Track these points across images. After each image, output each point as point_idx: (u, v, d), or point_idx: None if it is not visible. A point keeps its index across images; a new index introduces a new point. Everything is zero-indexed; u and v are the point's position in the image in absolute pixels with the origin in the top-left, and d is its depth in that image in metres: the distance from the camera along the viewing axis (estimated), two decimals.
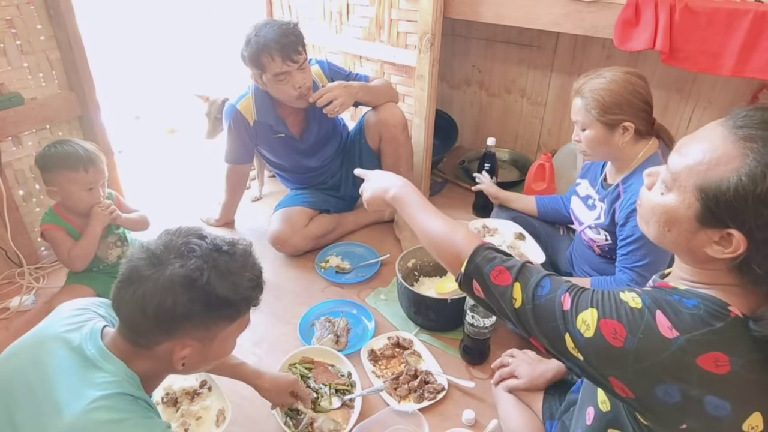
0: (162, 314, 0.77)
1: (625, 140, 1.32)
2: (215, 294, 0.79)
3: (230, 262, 0.82)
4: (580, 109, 1.34)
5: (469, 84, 2.73)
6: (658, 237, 0.76)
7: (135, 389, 0.81)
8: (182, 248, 0.79)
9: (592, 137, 1.34)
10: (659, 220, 0.74)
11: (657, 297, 0.71)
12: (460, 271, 0.86)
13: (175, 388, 1.41)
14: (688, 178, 0.68)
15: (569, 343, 0.73)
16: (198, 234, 0.83)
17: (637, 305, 0.70)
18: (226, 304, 0.81)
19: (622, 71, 1.30)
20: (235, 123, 1.93)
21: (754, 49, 1.48)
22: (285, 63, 1.71)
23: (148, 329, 0.79)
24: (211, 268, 0.79)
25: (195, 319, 0.80)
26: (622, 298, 0.72)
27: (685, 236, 0.71)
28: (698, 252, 0.70)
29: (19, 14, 1.70)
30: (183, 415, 1.34)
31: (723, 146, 0.65)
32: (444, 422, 1.37)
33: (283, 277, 1.94)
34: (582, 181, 1.60)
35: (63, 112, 1.89)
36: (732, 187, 0.62)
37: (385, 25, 2.12)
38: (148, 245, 0.81)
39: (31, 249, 1.93)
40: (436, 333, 1.66)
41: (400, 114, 1.97)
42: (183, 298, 0.77)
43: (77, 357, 0.81)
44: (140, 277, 0.77)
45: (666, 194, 0.72)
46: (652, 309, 0.69)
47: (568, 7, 1.74)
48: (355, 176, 2.11)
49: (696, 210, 0.67)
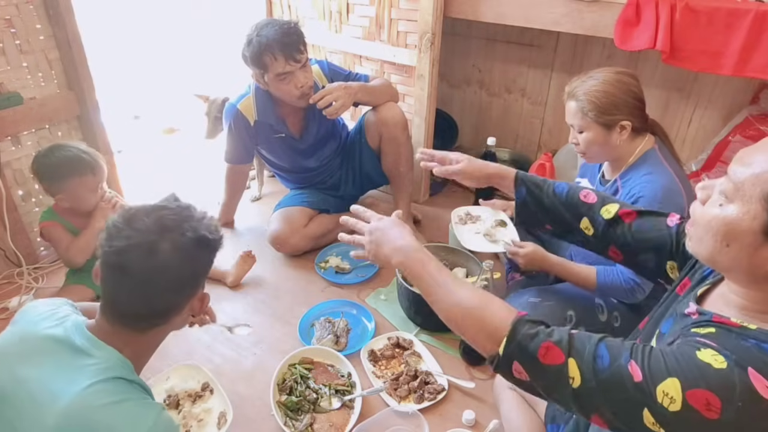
0: (194, 277, 0.88)
1: (623, 139, 1.33)
2: (212, 240, 0.89)
3: (194, 213, 0.90)
4: (575, 112, 1.35)
5: (469, 83, 2.72)
6: (713, 254, 0.69)
7: (128, 373, 0.84)
8: (162, 222, 0.84)
9: (590, 139, 1.35)
10: (716, 234, 0.67)
11: (739, 349, 0.63)
12: (497, 352, 0.74)
13: (177, 390, 1.41)
14: (754, 187, 0.63)
15: (648, 418, 0.64)
16: (155, 206, 0.87)
17: (722, 365, 0.61)
18: (218, 245, 0.92)
19: (613, 71, 1.32)
20: (235, 123, 1.92)
21: (755, 48, 1.48)
22: (287, 62, 1.71)
23: (181, 300, 0.88)
24: (198, 224, 0.87)
25: (208, 267, 0.91)
26: (702, 360, 0.62)
27: (746, 252, 0.65)
28: (760, 270, 0.65)
29: (18, 14, 1.70)
30: (185, 417, 1.34)
31: None
32: (444, 423, 1.37)
33: (283, 277, 1.94)
34: (581, 179, 1.61)
35: (62, 112, 1.89)
36: None
37: (385, 24, 2.11)
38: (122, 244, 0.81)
39: (30, 249, 1.92)
40: (436, 333, 1.66)
41: (400, 113, 1.97)
42: (202, 256, 0.88)
43: (66, 348, 0.82)
44: (141, 263, 0.81)
45: (726, 206, 0.66)
46: (743, 367, 0.60)
47: (569, 7, 1.74)
48: (354, 176, 2.15)
49: (763, 221, 0.62)
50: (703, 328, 0.69)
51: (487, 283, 1.39)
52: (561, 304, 1.46)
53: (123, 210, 0.86)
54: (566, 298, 1.49)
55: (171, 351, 1.60)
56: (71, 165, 1.52)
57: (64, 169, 1.52)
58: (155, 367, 1.51)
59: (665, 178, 1.28)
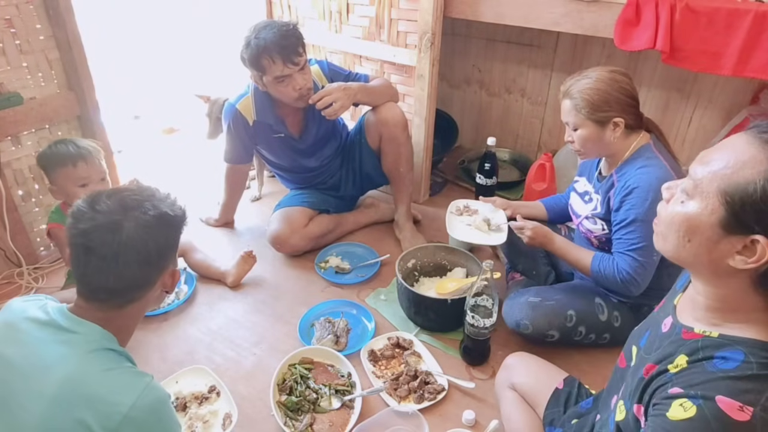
0: (159, 253, 0.89)
1: (617, 135, 1.35)
2: (176, 217, 0.93)
3: (157, 193, 0.94)
4: (570, 110, 1.37)
5: (469, 83, 2.72)
6: (677, 250, 0.73)
7: (115, 345, 0.88)
8: (125, 202, 0.87)
9: (584, 136, 1.37)
10: (679, 230, 0.71)
11: (704, 382, 0.65)
12: None
13: (185, 393, 1.42)
14: (711, 182, 0.66)
15: None
16: (116, 190, 0.91)
17: (691, 411, 0.63)
18: (182, 222, 0.96)
19: (606, 70, 1.34)
20: (234, 123, 1.92)
21: (755, 48, 1.48)
22: (285, 65, 1.70)
23: (149, 277, 0.90)
24: (160, 202, 0.91)
25: (175, 244, 0.95)
26: (673, 419, 0.65)
27: (706, 246, 0.68)
28: (720, 264, 0.67)
29: (18, 14, 1.70)
30: (191, 419, 1.35)
31: (748, 150, 0.64)
32: (444, 423, 1.37)
33: (283, 277, 1.94)
34: (579, 178, 1.61)
35: (62, 112, 1.89)
36: (759, 189, 0.61)
37: (385, 24, 2.11)
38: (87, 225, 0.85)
39: (30, 249, 1.92)
40: (436, 333, 1.66)
41: (401, 113, 1.97)
42: (168, 232, 0.91)
43: (50, 329, 0.85)
44: (106, 241, 0.84)
45: (687, 202, 0.70)
46: (710, 398, 0.63)
47: (569, 7, 1.74)
48: (355, 176, 2.15)
49: (720, 216, 0.65)
50: (675, 361, 0.72)
51: (487, 282, 1.39)
52: (561, 304, 1.47)
53: (86, 195, 0.90)
54: (566, 298, 1.49)
55: (171, 351, 1.60)
56: (56, 156, 1.52)
57: (50, 160, 1.53)
58: (156, 368, 1.52)
59: (660, 170, 1.30)
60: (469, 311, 1.44)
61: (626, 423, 0.79)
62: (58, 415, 0.77)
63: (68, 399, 0.77)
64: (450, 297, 1.56)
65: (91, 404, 0.77)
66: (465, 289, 1.58)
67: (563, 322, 1.45)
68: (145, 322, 1.70)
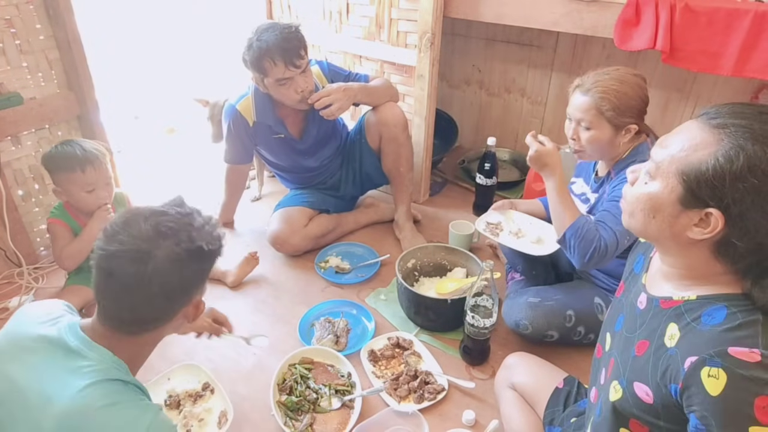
0: (183, 288, 0.86)
1: (625, 140, 1.34)
2: (210, 250, 0.87)
3: (196, 220, 0.88)
4: (589, 108, 1.32)
5: (469, 83, 2.72)
6: (643, 226, 0.80)
7: (124, 374, 0.83)
8: (159, 229, 0.82)
9: (597, 137, 1.34)
10: (644, 208, 0.79)
11: (703, 340, 0.70)
12: None
13: (179, 391, 1.42)
14: (670, 164, 0.74)
15: None
16: (155, 211, 0.85)
17: (723, 379, 0.67)
18: (216, 254, 0.90)
19: (630, 73, 1.31)
20: (234, 123, 1.92)
21: (754, 48, 1.48)
22: (287, 68, 1.70)
23: (170, 310, 0.87)
24: (196, 232, 0.85)
25: (204, 277, 0.91)
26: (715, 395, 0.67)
27: (668, 221, 0.76)
28: (681, 236, 0.75)
29: (18, 14, 1.70)
30: (185, 417, 1.35)
31: (700, 135, 0.72)
32: (444, 423, 1.37)
33: (283, 277, 1.94)
34: (576, 179, 1.61)
35: (62, 112, 1.89)
36: (711, 168, 0.69)
37: (385, 24, 2.11)
38: (115, 248, 0.80)
39: (30, 249, 1.92)
40: (436, 333, 1.66)
41: (401, 113, 1.97)
42: (196, 266, 0.86)
43: (59, 350, 0.81)
44: (129, 271, 0.79)
45: (650, 183, 0.78)
46: (725, 354, 0.67)
47: (569, 7, 1.74)
48: (355, 176, 2.15)
49: (678, 193, 0.73)
50: (667, 333, 0.77)
51: (487, 283, 1.39)
52: (561, 304, 1.47)
53: (125, 210, 0.86)
54: (566, 298, 1.49)
55: (171, 351, 1.60)
56: (62, 159, 1.51)
57: (55, 163, 1.52)
58: (156, 367, 1.51)
59: None
60: (469, 311, 1.44)
61: (624, 401, 0.82)
62: None
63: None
64: (450, 297, 1.56)
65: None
66: (465, 289, 1.58)
67: (562, 322, 1.45)
68: None
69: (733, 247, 0.71)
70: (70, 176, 1.51)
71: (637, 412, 0.80)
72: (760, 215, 0.68)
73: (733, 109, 0.72)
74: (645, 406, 0.78)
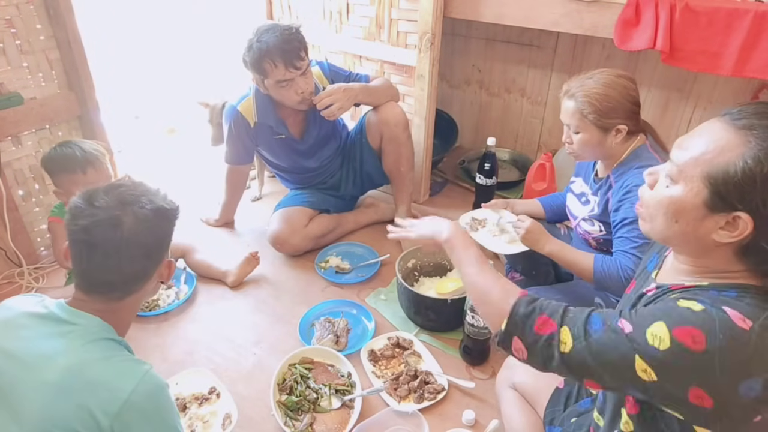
0: (158, 246, 0.94)
1: (617, 141, 1.34)
2: (170, 211, 0.96)
3: (146, 187, 0.96)
4: (573, 112, 1.34)
5: (469, 83, 2.72)
6: (664, 230, 0.78)
7: (113, 334, 0.90)
8: (122, 197, 0.90)
9: (585, 140, 1.35)
10: (667, 212, 0.76)
11: (709, 296, 0.71)
12: (500, 329, 0.85)
13: (185, 394, 1.42)
14: (695, 168, 0.72)
15: (640, 365, 0.71)
16: (111, 185, 0.93)
17: (700, 307, 0.69)
18: (176, 213, 0.99)
19: (614, 74, 1.31)
20: (235, 124, 1.92)
21: (754, 48, 1.48)
22: (287, 70, 1.70)
23: (147, 270, 0.93)
24: (154, 196, 0.94)
25: (170, 237, 0.98)
26: (682, 306, 0.71)
27: (692, 225, 0.74)
28: (706, 239, 0.73)
29: (18, 14, 1.70)
30: (191, 419, 1.35)
31: (726, 136, 0.70)
32: (444, 423, 1.37)
33: (283, 277, 1.94)
34: (576, 179, 1.61)
35: (62, 112, 1.89)
36: (740, 171, 0.67)
37: (385, 24, 2.11)
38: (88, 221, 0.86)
39: (30, 249, 1.92)
40: (436, 333, 1.66)
41: (401, 113, 1.97)
42: (164, 225, 0.95)
43: (50, 321, 0.87)
44: (118, 240, 0.87)
45: (672, 186, 0.75)
46: (718, 306, 0.69)
47: (569, 7, 1.74)
48: (355, 176, 2.15)
49: (704, 196, 0.71)
50: (669, 295, 0.77)
51: None
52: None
53: (81, 192, 0.91)
54: (566, 298, 1.49)
55: (171, 351, 1.60)
56: (63, 161, 1.52)
57: (56, 164, 1.52)
58: (159, 369, 1.50)
59: None
60: (469, 311, 1.44)
61: None
62: (60, 402, 0.78)
63: (71, 385, 0.79)
64: (450, 297, 1.56)
65: (93, 390, 0.79)
66: (465, 289, 1.58)
67: None
68: (145, 322, 1.71)
69: (761, 249, 0.70)
70: (71, 177, 1.52)
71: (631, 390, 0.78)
72: None
73: (758, 109, 0.70)
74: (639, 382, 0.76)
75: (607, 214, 1.40)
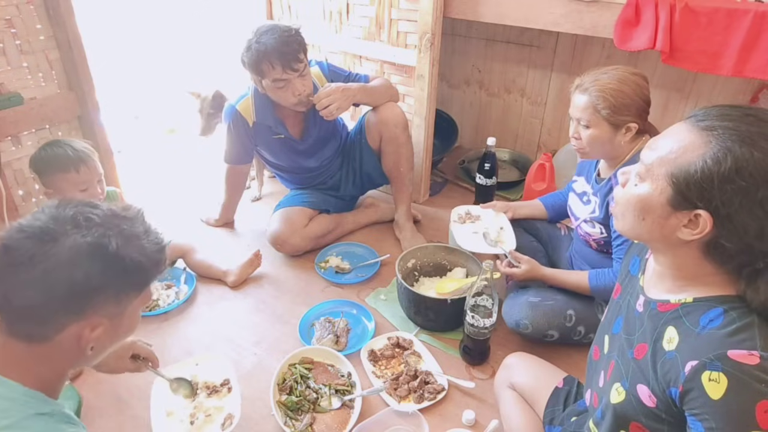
0: (71, 291, 0.70)
1: (626, 139, 1.33)
2: (126, 260, 0.73)
3: (132, 226, 0.76)
4: (586, 106, 1.33)
5: (469, 84, 2.72)
6: (633, 227, 0.81)
7: (42, 405, 0.72)
8: (77, 218, 0.72)
9: (596, 136, 1.34)
10: (635, 210, 0.79)
11: (702, 343, 0.70)
12: None
13: (199, 380, 1.43)
14: (660, 167, 0.75)
15: None
16: (89, 203, 0.76)
17: (724, 383, 0.67)
18: (137, 271, 0.75)
19: (629, 72, 1.31)
20: (234, 124, 1.92)
21: (754, 48, 1.48)
22: (285, 71, 1.70)
23: (51, 313, 0.71)
24: (117, 234, 0.73)
25: (107, 292, 0.74)
26: (716, 399, 0.68)
27: (658, 222, 0.77)
28: (671, 237, 0.76)
29: (18, 14, 1.70)
30: (196, 407, 1.35)
31: (689, 137, 0.73)
32: (444, 423, 1.37)
33: (283, 277, 1.94)
34: (578, 178, 1.61)
35: (62, 112, 1.89)
36: (699, 170, 0.70)
37: (385, 24, 2.11)
38: (27, 223, 0.71)
39: None
40: (436, 333, 1.66)
41: (401, 113, 1.97)
42: (95, 269, 0.71)
43: None
44: (32, 256, 0.68)
45: (640, 185, 0.78)
46: (724, 357, 0.67)
47: (568, 7, 1.74)
48: (355, 176, 2.15)
49: (668, 195, 0.74)
50: (665, 336, 0.77)
51: (487, 282, 1.39)
52: (561, 304, 1.47)
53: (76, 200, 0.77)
54: (566, 297, 1.49)
55: (171, 351, 1.60)
56: (55, 161, 1.50)
57: (48, 164, 1.50)
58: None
59: None
60: (469, 311, 1.44)
61: (627, 403, 0.82)
62: None
63: None
64: (450, 297, 1.56)
65: None
66: (465, 289, 1.59)
67: (563, 321, 1.45)
68: (145, 322, 1.71)
69: (721, 248, 0.72)
70: (65, 177, 1.50)
71: (640, 416, 0.80)
72: (747, 217, 0.68)
73: (720, 111, 0.73)
74: (648, 410, 0.78)
75: (608, 217, 1.40)
